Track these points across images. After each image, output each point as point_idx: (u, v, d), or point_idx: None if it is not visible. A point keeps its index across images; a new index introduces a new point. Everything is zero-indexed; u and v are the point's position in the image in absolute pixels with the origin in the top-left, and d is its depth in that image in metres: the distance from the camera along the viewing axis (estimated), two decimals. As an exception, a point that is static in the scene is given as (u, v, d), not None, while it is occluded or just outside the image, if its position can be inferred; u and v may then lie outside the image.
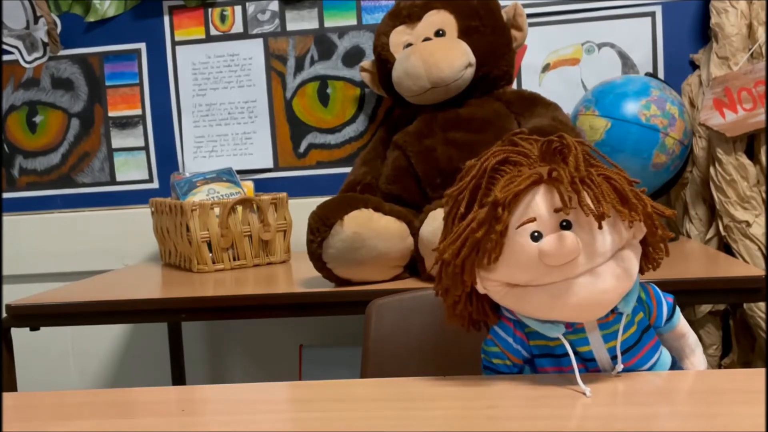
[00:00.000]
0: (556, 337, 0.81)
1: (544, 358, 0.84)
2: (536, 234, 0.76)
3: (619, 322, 0.81)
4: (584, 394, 0.76)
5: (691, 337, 0.90)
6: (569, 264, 0.76)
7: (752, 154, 1.62)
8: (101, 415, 0.81)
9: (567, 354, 0.80)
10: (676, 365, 0.88)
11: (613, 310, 0.81)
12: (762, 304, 1.54)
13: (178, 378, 1.96)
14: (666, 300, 0.87)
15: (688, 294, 1.26)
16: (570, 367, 0.80)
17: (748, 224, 1.58)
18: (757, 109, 1.56)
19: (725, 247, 1.63)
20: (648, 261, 0.84)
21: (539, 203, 0.77)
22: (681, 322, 0.89)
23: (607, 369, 0.83)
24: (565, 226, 0.76)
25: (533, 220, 0.76)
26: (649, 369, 0.84)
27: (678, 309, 0.88)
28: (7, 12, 1.96)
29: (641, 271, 0.84)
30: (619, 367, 0.81)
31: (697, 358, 0.90)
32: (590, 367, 0.83)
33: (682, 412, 0.74)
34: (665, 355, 0.86)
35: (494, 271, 0.79)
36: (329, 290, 1.34)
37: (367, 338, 1.10)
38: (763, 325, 1.55)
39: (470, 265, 0.79)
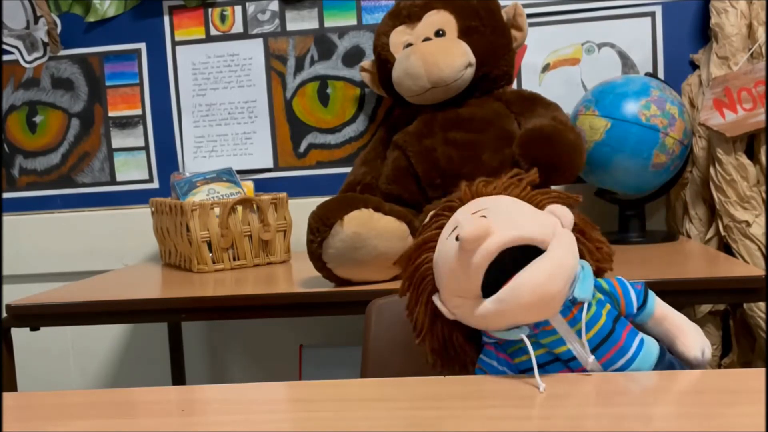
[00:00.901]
0: (519, 340, 0.81)
1: (531, 371, 0.84)
2: (458, 235, 0.80)
3: (586, 311, 0.81)
4: (537, 388, 0.77)
5: (677, 318, 0.88)
6: (489, 243, 0.77)
7: (752, 154, 1.62)
8: (101, 415, 0.81)
9: (549, 362, 0.82)
10: (666, 355, 0.86)
11: (575, 302, 0.81)
12: (762, 304, 1.54)
13: (178, 378, 1.96)
14: (634, 287, 0.87)
15: (688, 294, 1.26)
16: (560, 373, 0.80)
17: (748, 224, 1.58)
18: (757, 109, 1.56)
19: (725, 247, 1.63)
20: (591, 255, 0.87)
21: (458, 216, 0.85)
22: (657, 305, 0.88)
23: (594, 368, 0.82)
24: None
25: (455, 228, 0.82)
26: (631, 360, 0.83)
27: (651, 293, 0.88)
28: (7, 12, 1.96)
29: (600, 270, 0.87)
30: (591, 358, 0.81)
31: (688, 337, 0.87)
32: (573, 367, 0.82)
33: (681, 412, 0.74)
34: (650, 344, 0.84)
35: (444, 289, 0.83)
36: (329, 290, 1.34)
37: (367, 338, 1.10)
38: (763, 325, 1.55)
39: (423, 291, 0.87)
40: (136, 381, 2.03)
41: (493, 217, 0.80)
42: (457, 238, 0.79)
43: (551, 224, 0.82)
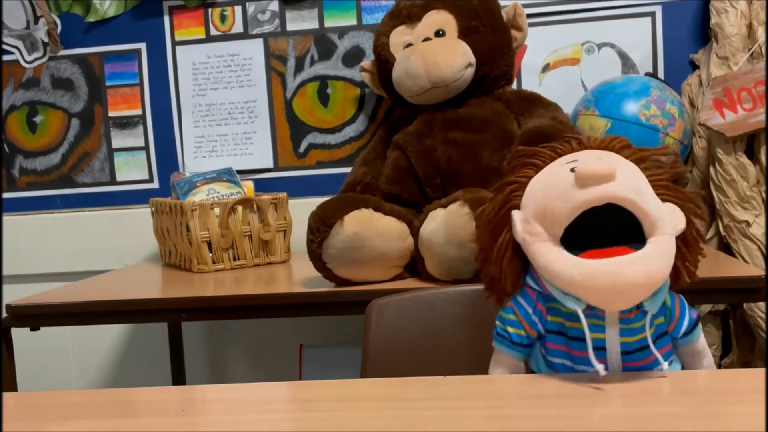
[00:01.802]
0: (573, 315, 0.79)
1: (556, 336, 0.83)
2: (574, 166, 0.77)
3: (640, 320, 0.80)
4: (599, 372, 0.76)
5: (707, 358, 0.88)
6: (604, 185, 0.75)
7: (752, 154, 1.62)
8: (101, 415, 0.81)
9: (578, 338, 0.80)
10: None
11: (638, 306, 0.79)
12: (762, 304, 1.54)
13: (178, 378, 1.96)
14: (690, 314, 0.85)
15: (688, 294, 1.26)
16: (577, 352, 0.80)
17: (748, 224, 1.58)
18: (757, 109, 1.56)
19: (725, 247, 1.63)
20: (684, 263, 0.83)
21: (581, 154, 0.81)
22: (700, 340, 0.87)
23: (615, 364, 0.81)
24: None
25: (575, 160, 0.79)
26: None
27: (700, 326, 0.86)
28: (7, 12, 1.96)
29: (677, 280, 0.83)
30: (665, 366, 0.80)
31: None
32: (598, 357, 0.81)
33: (682, 412, 0.74)
34: (676, 369, 0.85)
35: (529, 208, 0.80)
36: (329, 290, 1.35)
37: (367, 338, 1.10)
38: (763, 325, 1.55)
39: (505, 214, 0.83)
40: (136, 381, 2.03)
41: (618, 175, 0.77)
42: (572, 170, 0.76)
43: (668, 221, 0.79)
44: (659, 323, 0.83)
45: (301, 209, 1.61)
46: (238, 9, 1.91)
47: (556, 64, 1.83)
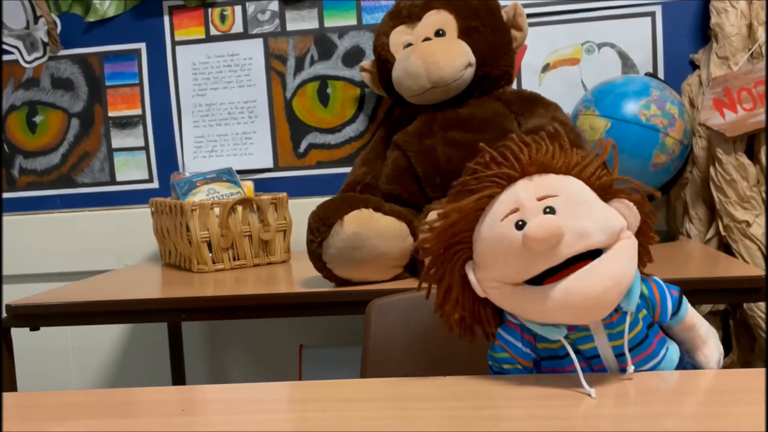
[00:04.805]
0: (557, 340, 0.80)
1: (548, 360, 0.84)
2: (520, 223, 0.76)
3: (624, 321, 0.80)
4: (589, 395, 0.76)
5: (702, 327, 0.88)
6: (555, 248, 0.74)
7: (752, 154, 1.62)
8: (101, 415, 0.81)
9: (569, 355, 0.80)
10: (684, 358, 0.87)
11: (617, 309, 0.80)
12: (762, 304, 1.54)
13: (178, 378, 1.96)
14: (671, 293, 0.85)
15: (688, 294, 1.25)
16: (572, 367, 0.79)
17: (748, 224, 1.58)
18: (757, 109, 1.56)
19: (725, 247, 1.63)
20: (645, 251, 0.83)
21: (521, 193, 0.78)
22: (689, 313, 0.86)
23: (612, 367, 0.82)
24: (549, 212, 0.76)
25: (516, 210, 0.77)
26: (657, 365, 0.83)
27: (685, 300, 0.86)
28: (7, 12, 1.96)
29: (641, 265, 0.83)
30: (630, 368, 0.80)
31: (709, 348, 0.87)
32: (594, 364, 0.82)
33: (682, 412, 0.74)
34: (672, 350, 0.85)
35: (486, 268, 0.80)
36: (329, 290, 1.34)
37: (367, 338, 1.10)
38: (763, 325, 1.55)
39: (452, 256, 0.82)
40: (136, 381, 2.03)
41: (561, 211, 0.76)
42: (518, 226, 0.76)
43: (618, 227, 0.78)
44: (644, 316, 0.83)
45: (301, 209, 1.61)
46: (238, 9, 1.91)
47: (556, 64, 1.83)
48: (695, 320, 0.87)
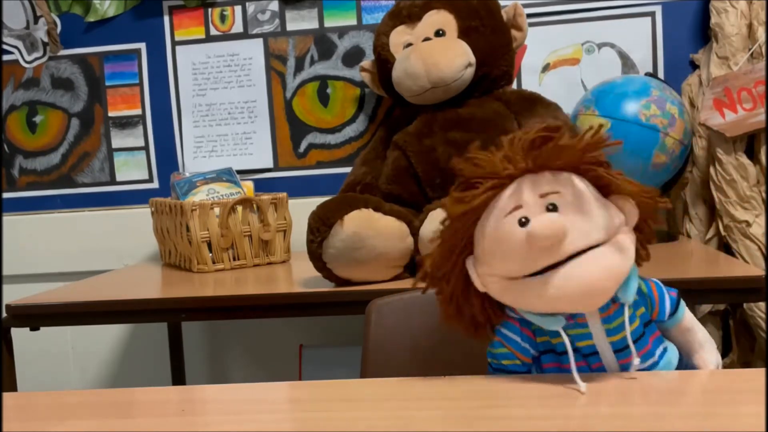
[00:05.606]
0: (555, 331, 0.81)
1: (546, 355, 0.84)
2: (523, 220, 0.77)
3: (622, 314, 0.80)
4: (579, 391, 0.76)
5: (699, 331, 0.89)
6: (558, 246, 0.76)
7: (752, 154, 1.62)
8: (101, 415, 0.81)
9: (565, 352, 0.80)
10: (683, 362, 0.87)
11: (615, 301, 0.80)
12: (762, 304, 1.54)
13: (178, 378, 1.96)
14: (669, 294, 0.86)
15: (688, 294, 1.24)
16: (566, 365, 0.80)
17: (748, 224, 1.58)
18: (757, 109, 1.56)
19: (725, 247, 1.63)
20: (642, 248, 0.84)
21: (524, 191, 0.79)
22: (686, 316, 0.88)
23: (611, 364, 0.82)
24: (552, 209, 0.77)
25: (519, 207, 0.78)
26: (654, 363, 0.83)
27: (683, 303, 0.87)
28: (7, 12, 1.96)
29: (638, 261, 0.84)
30: (636, 360, 0.80)
31: (707, 353, 0.88)
32: (592, 362, 0.82)
33: (681, 412, 0.74)
34: (671, 352, 0.86)
35: (488, 264, 0.80)
36: (329, 290, 1.34)
37: (367, 338, 1.10)
38: (763, 325, 1.55)
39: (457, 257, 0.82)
40: (136, 381, 2.03)
41: (563, 208, 0.77)
42: (521, 223, 0.77)
43: (617, 223, 0.80)
44: (642, 313, 0.84)
45: (301, 209, 1.61)
46: (238, 9, 1.91)
47: (556, 64, 1.83)
48: (692, 323, 0.88)
